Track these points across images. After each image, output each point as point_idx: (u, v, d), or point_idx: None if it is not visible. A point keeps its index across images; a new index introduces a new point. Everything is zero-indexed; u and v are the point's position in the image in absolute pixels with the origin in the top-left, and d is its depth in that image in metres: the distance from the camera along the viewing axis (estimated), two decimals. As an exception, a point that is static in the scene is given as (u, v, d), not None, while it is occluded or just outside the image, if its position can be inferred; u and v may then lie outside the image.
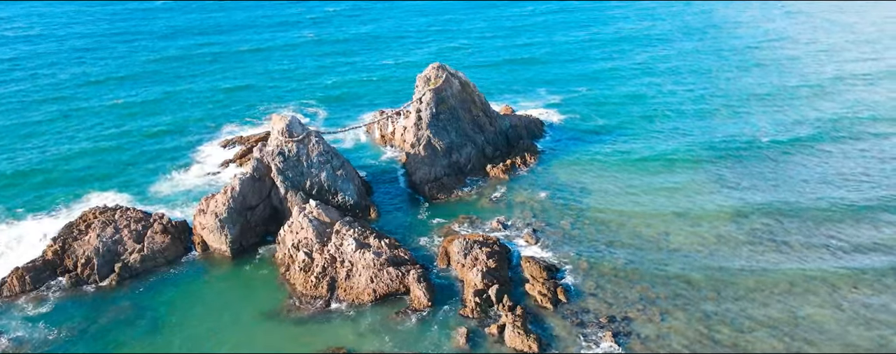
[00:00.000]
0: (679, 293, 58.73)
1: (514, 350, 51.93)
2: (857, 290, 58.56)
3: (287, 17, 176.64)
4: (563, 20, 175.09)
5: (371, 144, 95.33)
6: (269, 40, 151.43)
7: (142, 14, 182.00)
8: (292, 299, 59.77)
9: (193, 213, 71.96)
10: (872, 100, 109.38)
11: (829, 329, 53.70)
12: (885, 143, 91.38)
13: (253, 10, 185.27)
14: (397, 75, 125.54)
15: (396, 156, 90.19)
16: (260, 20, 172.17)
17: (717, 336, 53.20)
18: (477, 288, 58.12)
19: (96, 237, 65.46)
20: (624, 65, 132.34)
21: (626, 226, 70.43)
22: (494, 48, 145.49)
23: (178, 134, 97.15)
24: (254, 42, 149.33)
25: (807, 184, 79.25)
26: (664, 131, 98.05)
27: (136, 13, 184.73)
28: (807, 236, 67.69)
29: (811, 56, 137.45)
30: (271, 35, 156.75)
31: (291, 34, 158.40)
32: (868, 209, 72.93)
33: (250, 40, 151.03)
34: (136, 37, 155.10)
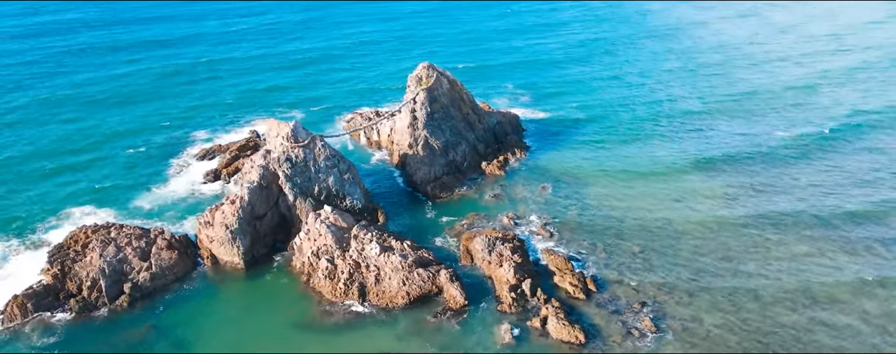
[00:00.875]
0: (697, 275, 61.39)
1: (560, 341, 52.87)
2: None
3: (233, 31, 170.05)
4: (511, 25, 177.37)
5: (357, 147, 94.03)
6: (225, 52, 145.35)
7: (86, 31, 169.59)
8: (321, 307, 58.52)
9: (195, 226, 69.08)
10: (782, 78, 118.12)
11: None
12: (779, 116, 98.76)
13: (200, 24, 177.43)
14: (357, 77, 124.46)
15: (385, 159, 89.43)
16: (209, 33, 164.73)
17: (745, 312, 56.01)
18: (510, 283, 58.76)
19: (98, 257, 61.69)
20: (588, 69, 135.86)
21: (629, 214, 72.87)
22: (457, 53, 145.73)
23: (147, 147, 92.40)
24: (210, 54, 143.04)
25: (730, 138, 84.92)
26: (630, 119, 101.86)
27: (69, 30, 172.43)
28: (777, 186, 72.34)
29: (721, 38, 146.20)
30: (226, 47, 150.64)
31: (246, 46, 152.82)
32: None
33: (204, 53, 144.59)
34: (86, 53, 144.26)
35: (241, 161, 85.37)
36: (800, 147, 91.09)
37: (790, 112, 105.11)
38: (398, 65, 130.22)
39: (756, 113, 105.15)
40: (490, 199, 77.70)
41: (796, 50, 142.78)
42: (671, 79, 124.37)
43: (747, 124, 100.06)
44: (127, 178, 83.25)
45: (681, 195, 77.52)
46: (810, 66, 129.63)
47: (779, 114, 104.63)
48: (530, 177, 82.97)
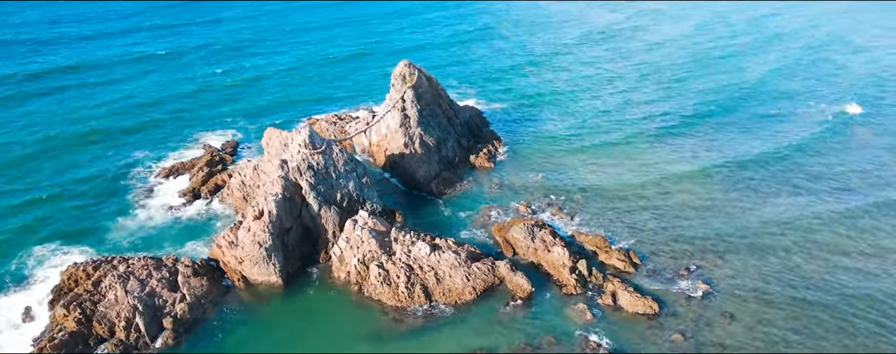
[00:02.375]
0: (718, 241, 67.42)
1: (636, 313, 55.89)
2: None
3: (135, 48, 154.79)
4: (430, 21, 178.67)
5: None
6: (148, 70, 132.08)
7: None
8: (387, 314, 56.80)
9: (196, 250, 63.99)
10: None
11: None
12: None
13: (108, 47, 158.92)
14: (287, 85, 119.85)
15: (368, 160, 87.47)
16: (119, 52, 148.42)
17: (768, 265, 62.66)
18: (568, 265, 60.76)
19: (124, 293, 54.98)
20: (519, 61, 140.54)
21: (629, 193, 77.85)
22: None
23: (105, 171, 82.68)
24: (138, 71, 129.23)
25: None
26: (576, 103, 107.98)
27: None
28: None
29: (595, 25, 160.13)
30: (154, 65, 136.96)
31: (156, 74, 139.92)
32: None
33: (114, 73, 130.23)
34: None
35: (220, 177, 79.46)
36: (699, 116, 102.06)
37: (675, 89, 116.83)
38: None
39: (662, 81, 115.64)
40: (493, 191, 79.03)
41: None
42: (576, 65, 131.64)
43: (665, 92, 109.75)
44: (87, 211, 73.97)
45: (659, 167, 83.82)
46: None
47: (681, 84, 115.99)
48: (519, 167, 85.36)
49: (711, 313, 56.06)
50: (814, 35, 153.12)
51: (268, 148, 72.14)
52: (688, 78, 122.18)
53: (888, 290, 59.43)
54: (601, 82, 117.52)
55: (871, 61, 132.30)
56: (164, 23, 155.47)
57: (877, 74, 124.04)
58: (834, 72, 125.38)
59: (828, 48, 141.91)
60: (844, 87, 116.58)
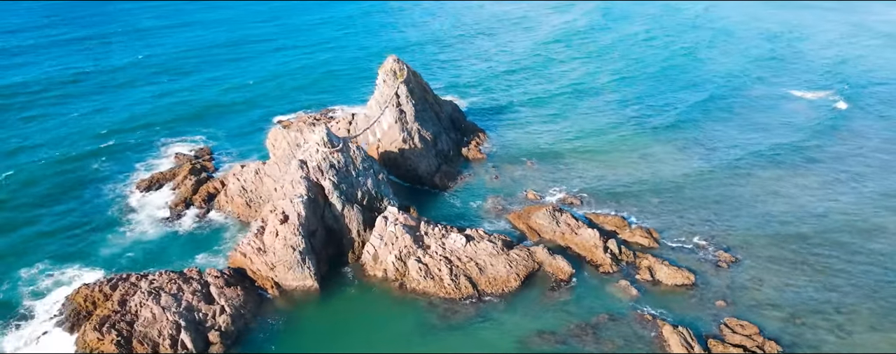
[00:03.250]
0: (722, 213, 71.71)
1: (675, 285, 58.53)
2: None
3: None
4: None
5: None
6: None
7: None
8: (436, 307, 56.19)
9: (232, 258, 60.66)
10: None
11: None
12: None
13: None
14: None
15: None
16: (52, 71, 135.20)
17: (774, 232, 67.52)
18: (600, 245, 62.57)
19: (161, 310, 51.11)
20: (466, 55, 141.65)
21: (622, 172, 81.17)
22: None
23: (77, 190, 75.99)
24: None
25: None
26: (535, 91, 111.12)
27: None
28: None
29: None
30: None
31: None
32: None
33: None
34: None
35: (212, 185, 75.34)
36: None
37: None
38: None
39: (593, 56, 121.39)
40: (494, 181, 79.84)
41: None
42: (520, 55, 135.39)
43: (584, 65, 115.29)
44: (71, 231, 67.82)
45: (642, 149, 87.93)
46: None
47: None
48: (510, 157, 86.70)
49: (741, 279, 59.59)
50: (770, 28, 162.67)
51: (274, 149, 69.17)
52: (646, 68, 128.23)
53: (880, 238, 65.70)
54: (563, 74, 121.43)
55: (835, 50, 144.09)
56: (87, 34, 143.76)
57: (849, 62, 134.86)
58: (806, 61, 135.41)
59: (783, 39, 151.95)
60: (818, 75, 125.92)
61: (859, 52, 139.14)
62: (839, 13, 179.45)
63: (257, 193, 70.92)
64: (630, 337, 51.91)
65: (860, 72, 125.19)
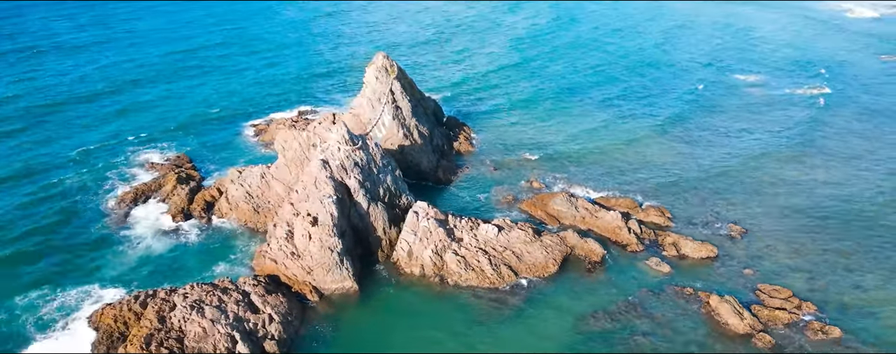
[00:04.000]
0: (713, 186, 76.00)
1: (701, 258, 61.49)
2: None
3: None
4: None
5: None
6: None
7: None
8: (481, 298, 56.27)
9: (259, 266, 58.12)
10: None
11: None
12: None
13: None
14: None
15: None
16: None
17: (768, 201, 72.27)
18: (623, 226, 64.67)
19: (210, 323, 48.22)
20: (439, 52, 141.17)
21: (613, 158, 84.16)
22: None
23: (57, 207, 69.94)
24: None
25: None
26: (511, 86, 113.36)
27: None
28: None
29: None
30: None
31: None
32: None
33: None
34: None
35: (208, 193, 71.70)
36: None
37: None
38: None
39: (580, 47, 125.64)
40: (494, 173, 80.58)
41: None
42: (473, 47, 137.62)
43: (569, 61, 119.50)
44: (65, 249, 62.56)
45: (625, 136, 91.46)
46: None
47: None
48: (500, 149, 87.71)
49: (756, 248, 63.41)
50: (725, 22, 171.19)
51: (285, 151, 66.56)
52: (618, 61, 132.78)
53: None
54: (535, 70, 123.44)
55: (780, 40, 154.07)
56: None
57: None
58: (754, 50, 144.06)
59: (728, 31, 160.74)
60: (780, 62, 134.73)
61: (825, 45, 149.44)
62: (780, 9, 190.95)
63: (265, 198, 68.06)
64: (677, 310, 54.01)
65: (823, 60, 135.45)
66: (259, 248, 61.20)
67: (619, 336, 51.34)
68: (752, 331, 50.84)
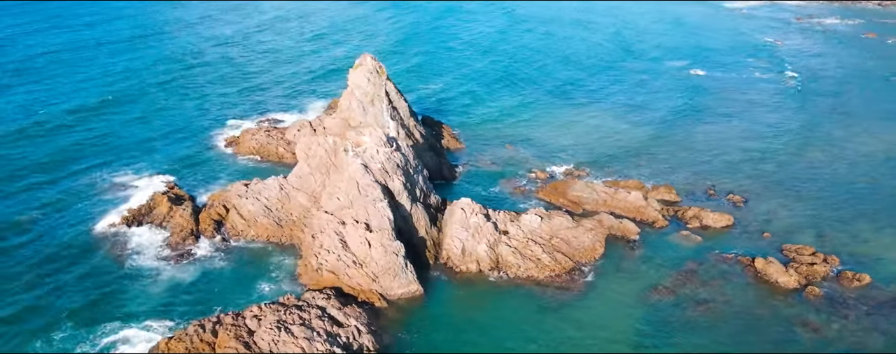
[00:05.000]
0: (693, 161, 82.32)
1: (720, 227, 66.39)
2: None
3: None
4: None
5: (250, 165, 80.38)
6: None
7: None
8: (545, 286, 57.11)
9: (315, 278, 55.26)
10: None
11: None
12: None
13: None
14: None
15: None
16: None
17: (749, 173, 79.35)
18: (646, 205, 68.23)
19: (307, 342, 45.24)
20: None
21: (591, 142, 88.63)
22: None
23: (42, 242, 61.79)
24: None
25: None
26: (468, 74, 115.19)
27: None
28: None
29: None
30: None
31: None
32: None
33: None
34: None
35: (215, 211, 66.73)
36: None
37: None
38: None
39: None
40: (492, 166, 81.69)
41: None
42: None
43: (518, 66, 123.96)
44: (73, 284, 55.67)
45: (591, 121, 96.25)
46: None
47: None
48: (487, 143, 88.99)
49: (761, 214, 69.60)
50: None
51: (308, 159, 63.27)
52: (550, 53, 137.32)
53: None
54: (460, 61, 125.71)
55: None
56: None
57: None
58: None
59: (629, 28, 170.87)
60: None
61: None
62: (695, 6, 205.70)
63: (286, 210, 64.38)
64: (727, 276, 58.06)
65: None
66: (302, 262, 57.92)
67: (685, 305, 54.27)
68: (799, 286, 55.85)
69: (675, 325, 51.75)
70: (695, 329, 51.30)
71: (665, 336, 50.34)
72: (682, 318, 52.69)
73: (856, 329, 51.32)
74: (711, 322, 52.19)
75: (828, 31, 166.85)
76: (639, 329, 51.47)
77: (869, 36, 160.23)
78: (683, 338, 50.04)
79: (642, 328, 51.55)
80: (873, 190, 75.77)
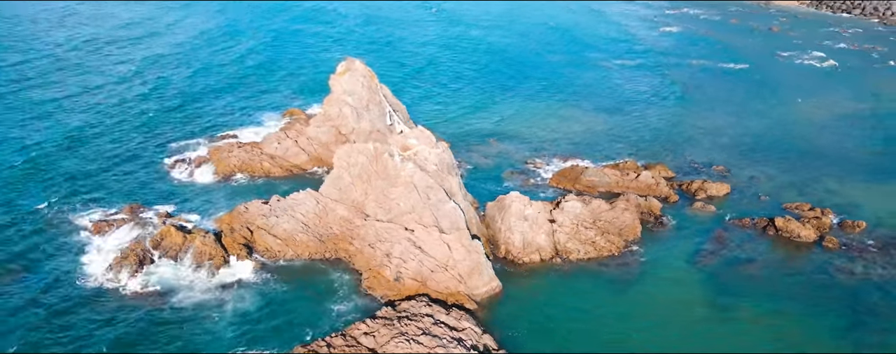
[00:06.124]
0: (665, 140, 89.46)
1: (723, 194, 72.98)
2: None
3: None
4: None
5: (223, 183, 74.37)
6: None
7: None
8: (608, 266, 59.57)
9: (394, 289, 53.53)
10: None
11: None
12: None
13: None
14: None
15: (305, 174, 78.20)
16: None
17: (706, 139, 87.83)
18: (658, 183, 73.22)
19: (439, 348, 43.95)
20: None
21: (568, 132, 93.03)
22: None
23: (47, 299, 53.26)
24: None
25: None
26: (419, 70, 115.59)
27: None
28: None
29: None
30: None
31: None
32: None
33: None
34: None
35: (238, 235, 61.89)
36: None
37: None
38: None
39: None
40: (487, 161, 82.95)
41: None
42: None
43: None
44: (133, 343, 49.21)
45: (554, 113, 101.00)
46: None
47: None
48: (470, 139, 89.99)
49: (746, 178, 77.56)
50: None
51: (349, 168, 60.36)
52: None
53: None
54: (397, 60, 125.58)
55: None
56: None
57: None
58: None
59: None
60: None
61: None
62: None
63: (325, 224, 61.06)
64: (754, 237, 64.19)
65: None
66: (370, 274, 55.45)
67: (735, 266, 59.35)
68: (817, 238, 63.10)
69: (736, 284, 56.40)
70: (755, 284, 56.32)
71: (734, 294, 54.69)
72: (737, 277, 57.48)
73: (877, 265, 59.11)
74: (764, 277, 57.55)
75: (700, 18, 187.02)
76: (709, 292, 55.37)
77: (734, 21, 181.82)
78: (751, 293, 54.74)
79: (711, 290, 55.53)
80: (819, 150, 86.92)
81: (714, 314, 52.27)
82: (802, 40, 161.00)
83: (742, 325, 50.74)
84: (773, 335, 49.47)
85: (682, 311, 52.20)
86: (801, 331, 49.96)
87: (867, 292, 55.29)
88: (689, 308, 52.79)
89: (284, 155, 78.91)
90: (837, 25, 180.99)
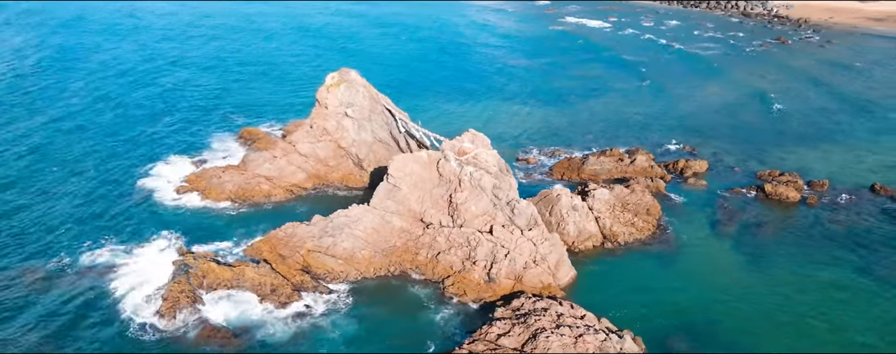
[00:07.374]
0: (624, 125, 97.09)
1: (705, 170, 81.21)
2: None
3: None
4: None
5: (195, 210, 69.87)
6: None
7: None
8: (651, 246, 64.07)
9: (491, 290, 54.47)
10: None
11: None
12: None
13: None
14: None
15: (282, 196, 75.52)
16: None
17: (666, 120, 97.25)
18: (652, 166, 79.81)
19: (593, 337, 45.84)
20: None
21: (530, 126, 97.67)
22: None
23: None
24: None
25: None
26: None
27: None
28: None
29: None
30: None
31: None
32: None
33: None
34: None
35: (291, 261, 59.00)
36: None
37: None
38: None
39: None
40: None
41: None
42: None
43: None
44: None
45: (506, 107, 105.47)
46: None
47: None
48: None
49: (710, 154, 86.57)
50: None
51: (406, 177, 59.34)
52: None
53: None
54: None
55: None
56: None
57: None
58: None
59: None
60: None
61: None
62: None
63: (384, 238, 59.77)
64: (753, 204, 72.30)
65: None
66: (456, 279, 55.40)
67: (752, 230, 66.86)
68: (800, 198, 72.90)
69: (764, 243, 63.83)
70: (780, 243, 63.98)
71: (768, 254, 61.76)
72: (760, 238, 64.95)
73: (856, 212, 69.84)
74: (780, 235, 65.56)
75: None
76: (744, 255, 61.92)
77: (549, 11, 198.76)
78: (783, 250, 62.28)
79: (745, 254, 62.12)
80: (748, 125, 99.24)
81: (763, 272, 58.63)
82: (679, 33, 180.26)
83: (788, 276, 57.79)
84: (815, 281, 56.98)
85: (737, 279, 57.77)
86: (832, 273, 58.31)
87: (859, 234, 65.38)
88: (740, 273, 58.69)
89: (280, 175, 75.04)
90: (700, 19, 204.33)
